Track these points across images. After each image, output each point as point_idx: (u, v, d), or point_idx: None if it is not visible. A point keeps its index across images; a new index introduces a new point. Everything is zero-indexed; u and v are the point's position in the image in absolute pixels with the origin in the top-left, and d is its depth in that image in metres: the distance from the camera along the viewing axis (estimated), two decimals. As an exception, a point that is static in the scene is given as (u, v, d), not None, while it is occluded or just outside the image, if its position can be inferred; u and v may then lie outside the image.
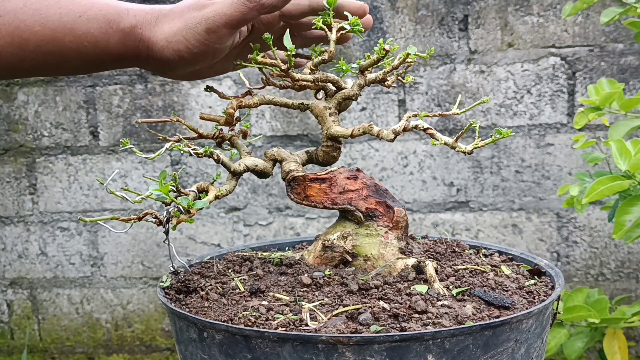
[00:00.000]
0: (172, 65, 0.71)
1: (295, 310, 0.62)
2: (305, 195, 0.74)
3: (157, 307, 1.89)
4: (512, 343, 0.59)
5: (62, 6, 0.69)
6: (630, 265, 1.69)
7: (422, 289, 0.64)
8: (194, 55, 0.69)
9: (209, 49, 0.69)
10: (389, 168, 1.74)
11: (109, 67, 0.74)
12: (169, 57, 0.69)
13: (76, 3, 0.69)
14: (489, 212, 1.72)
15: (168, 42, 0.68)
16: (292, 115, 1.76)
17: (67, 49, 0.69)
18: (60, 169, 1.87)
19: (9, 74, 0.71)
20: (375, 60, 0.70)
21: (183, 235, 1.85)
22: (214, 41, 0.68)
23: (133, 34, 0.70)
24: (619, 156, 1.09)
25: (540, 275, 0.75)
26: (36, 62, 0.69)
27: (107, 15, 0.69)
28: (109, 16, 0.69)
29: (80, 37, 0.69)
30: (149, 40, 0.69)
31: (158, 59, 0.70)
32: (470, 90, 1.69)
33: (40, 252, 1.91)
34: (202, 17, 0.67)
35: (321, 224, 1.79)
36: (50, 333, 1.94)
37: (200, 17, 0.67)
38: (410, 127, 0.69)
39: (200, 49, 0.69)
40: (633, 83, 1.63)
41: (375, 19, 1.71)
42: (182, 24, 0.68)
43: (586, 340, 1.31)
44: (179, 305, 0.67)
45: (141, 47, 0.70)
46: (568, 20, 1.63)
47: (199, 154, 0.70)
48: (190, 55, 0.69)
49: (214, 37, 0.68)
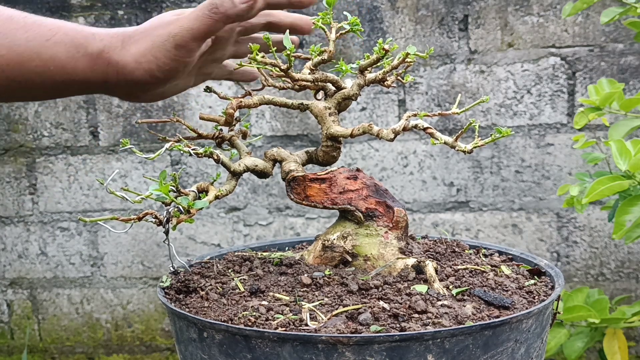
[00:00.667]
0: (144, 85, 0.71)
1: (295, 310, 0.62)
2: (305, 195, 0.74)
3: (157, 307, 1.89)
4: (512, 343, 0.59)
5: (28, 30, 0.68)
6: (630, 265, 1.69)
7: (422, 289, 0.64)
8: (166, 73, 0.70)
9: (180, 64, 0.70)
10: (389, 168, 1.74)
11: (75, 93, 0.73)
12: (141, 78, 0.69)
13: (43, 27, 0.69)
14: (489, 212, 1.72)
15: (138, 63, 0.69)
16: (292, 115, 1.76)
17: (33, 73, 0.68)
18: (60, 169, 1.87)
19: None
20: (375, 60, 0.70)
21: (183, 235, 1.85)
22: (184, 55, 0.69)
23: (101, 58, 0.69)
24: (619, 156, 1.09)
25: (540, 275, 0.75)
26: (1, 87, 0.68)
27: (74, 39, 0.69)
28: (76, 40, 0.69)
29: (47, 61, 0.68)
30: (118, 64, 0.69)
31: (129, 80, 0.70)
32: (470, 90, 1.69)
33: (40, 252, 1.91)
34: (169, 34, 0.68)
35: (321, 224, 1.79)
36: (50, 333, 1.94)
37: (167, 34, 0.68)
38: (410, 126, 0.69)
39: (171, 65, 0.69)
40: (633, 83, 1.63)
41: (375, 19, 1.71)
42: (149, 43, 0.69)
43: (586, 340, 1.31)
44: (179, 305, 0.67)
45: (110, 71, 0.70)
46: (568, 20, 1.63)
47: (199, 154, 0.70)
48: (162, 73, 0.69)
49: (183, 51, 0.69)
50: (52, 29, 0.69)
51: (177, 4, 1.76)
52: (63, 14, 1.80)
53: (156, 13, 1.77)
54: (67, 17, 1.80)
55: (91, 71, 0.70)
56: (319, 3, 1.71)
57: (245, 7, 0.67)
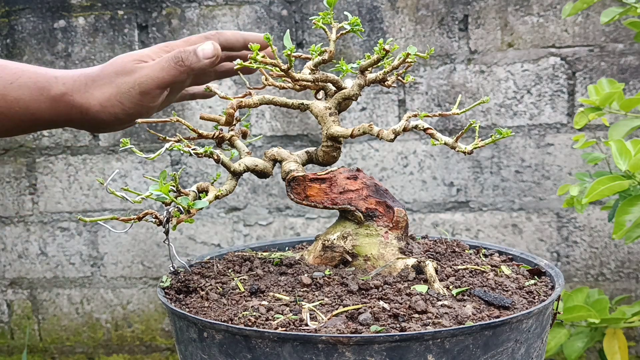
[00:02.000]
0: (109, 125, 0.75)
1: (295, 310, 0.62)
2: (305, 195, 0.74)
3: (157, 307, 1.89)
4: (512, 343, 0.59)
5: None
6: (630, 265, 1.69)
7: (422, 289, 0.64)
8: (130, 116, 0.74)
9: (144, 108, 0.73)
10: (389, 168, 1.74)
11: (41, 129, 0.77)
12: (106, 120, 0.73)
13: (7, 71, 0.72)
14: (489, 212, 1.72)
15: (103, 107, 0.72)
16: (292, 115, 1.76)
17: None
18: (60, 169, 1.87)
19: None
20: (375, 60, 0.70)
21: (183, 235, 1.85)
22: (149, 101, 0.73)
23: (63, 100, 0.73)
24: (619, 156, 1.09)
25: (540, 275, 0.75)
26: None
27: (37, 83, 0.72)
28: (39, 84, 0.72)
29: (12, 102, 0.72)
30: (82, 107, 0.73)
31: (94, 120, 0.74)
32: (470, 90, 1.69)
33: (40, 252, 1.91)
34: (135, 82, 0.71)
35: (321, 224, 1.79)
36: (50, 333, 1.94)
37: (132, 82, 0.71)
38: (410, 127, 0.69)
39: (135, 110, 0.73)
40: (633, 83, 1.63)
41: (375, 19, 1.71)
42: (114, 89, 0.72)
43: (586, 340, 1.31)
44: (179, 305, 0.67)
45: (73, 112, 0.73)
46: (568, 20, 1.63)
47: (199, 154, 0.70)
48: (126, 116, 0.73)
49: (147, 98, 0.72)
50: (16, 73, 0.72)
51: (177, 4, 1.76)
52: (63, 14, 1.80)
53: (156, 13, 1.77)
54: (67, 17, 1.80)
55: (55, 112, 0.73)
56: (318, 3, 1.71)
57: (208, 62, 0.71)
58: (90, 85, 0.73)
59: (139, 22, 1.78)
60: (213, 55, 0.72)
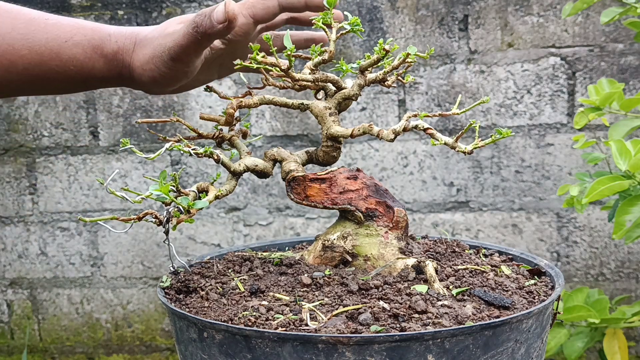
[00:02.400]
0: (151, 88, 0.74)
1: (295, 310, 0.62)
2: (305, 195, 0.74)
3: (157, 307, 1.89)
4: (512, 343, 0.59)
5: (48, 32, 0.71)
6: (630, 265, 1.69)
7: (422, 289, 0.64)
8: (167, 80, 0.72)
9: (179, 73, 0.72)
10: (389, 168, 1.74)
11: (95, 87, 0.77)
12: (146, 82, 0.73)
13: (62, 29, 0.72)
14: (489, 212, 1.72)
15: (143, 69, 0.72)
16: (292, 115, 1.76)
17: (53, 72, 0.71)
18: (60, 169, 1.87)
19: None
20: (375, 60, 0.70)
21: (183, 235, 1.85)
22: (181, 67, 0.71)
23: (116, 59, 0.73)
24: (619, 156, 1.09)
25: (540, 275, 0.75)
26: (23, 84, 0.72)
27: (91, 41, 0.72)
28: (94, 42, 0.72)
29: (67, 61, 0.71)
30: (130, 67, 0.73)
31: (138, 82, 0.74)
32: (470, 90, 1.69)
33: (40, 252, 1.91)
34: (166, 47, 0.70)
35: (321, 224, 1.79)
36: (50, 333, 1.94)
37: (164, 46, 0.70)
38: (410, 127, 0.69)
39: (170, 74, 0.72)
40: (633, 83, 1.63)
41: (375, 19, 1.71)
42: (151, 51, 0.71)
43: (586, 340, 1.31)
44: (179, 305, 0.67)
45: (124, 72, 0.73)
46: (568, 20, 1.63)
47: (199, 154, 0.70)
48: (163, 80, 0.72)
49: (179, 64, 0.71)
50: (71, 30, 0.72)
51: (177, 4, 1.76)
52: (62, 14, 1.80)
53: (156, 13, 1.78)
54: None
55: (108, 70, 0.73)
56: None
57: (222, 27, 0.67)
58: (138, 45, 0.72)
59: (139, 22, 1.78)
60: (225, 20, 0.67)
